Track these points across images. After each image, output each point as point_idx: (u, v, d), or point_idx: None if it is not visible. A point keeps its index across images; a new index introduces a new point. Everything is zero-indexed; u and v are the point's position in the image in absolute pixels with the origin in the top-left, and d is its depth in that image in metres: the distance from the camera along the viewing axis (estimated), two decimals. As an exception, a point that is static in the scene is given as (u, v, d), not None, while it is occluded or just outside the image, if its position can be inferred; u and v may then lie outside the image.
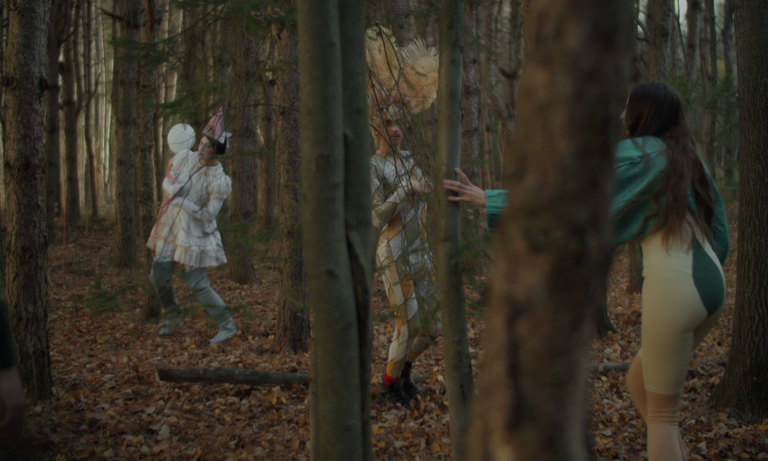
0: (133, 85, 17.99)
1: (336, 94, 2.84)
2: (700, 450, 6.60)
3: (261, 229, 18.88)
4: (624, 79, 1.36)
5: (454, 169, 4.70)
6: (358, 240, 2.93)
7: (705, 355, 10.01)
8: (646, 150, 4.73)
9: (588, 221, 1.34)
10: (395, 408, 7.91)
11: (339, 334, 2.88)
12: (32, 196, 7.86)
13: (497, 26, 36.71)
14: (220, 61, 19.67)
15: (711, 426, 7.21)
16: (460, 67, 4.72)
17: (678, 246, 4.75)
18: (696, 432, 7.01)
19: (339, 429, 2.92)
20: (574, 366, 1.37)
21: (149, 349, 10.53)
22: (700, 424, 7.27)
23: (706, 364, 9.28)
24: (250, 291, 15.73)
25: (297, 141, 9.61)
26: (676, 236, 4.75)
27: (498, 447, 1.41)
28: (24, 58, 7.86)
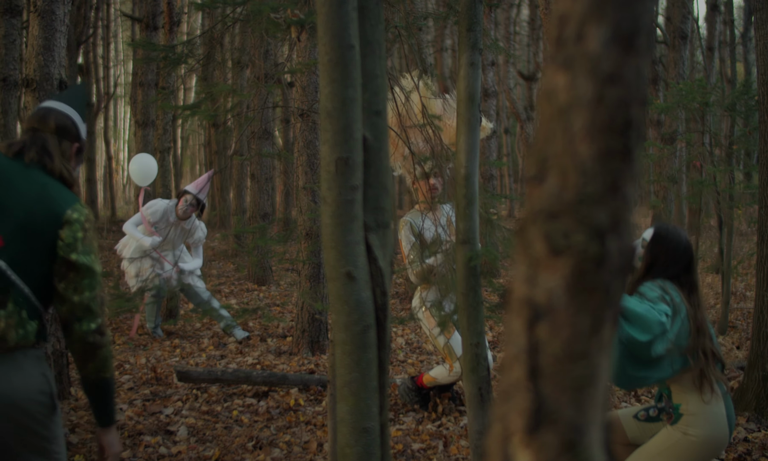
0: (152, 86, 18.03)
1: (355, 96, 2.84)
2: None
3: (279, 231, 18.92)
4: (645, 82, 1.36)
5: (473, 171, 4.69)
6: (377, 242, 2.93)
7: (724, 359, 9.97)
8: (673, 296, 5.07)
9: (608, 224, 1.33)
10: (413, 410, 7.91)
11: (358, 336, 2.88)
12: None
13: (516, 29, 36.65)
14: (239, 63, 19.71)
15: (730, 430, 7.18)
16: (479, 69, 4.72)
17: (709, 391, 5.10)
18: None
19: (357, 431, 2.92)
20: (594, 369, 1.37)
21: (167, 350, 10.55)
22: (718, 428, 7.24)
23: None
24: (268, 293, 15.74)
25: (316, 143, 9.62)
26: (707, 383, 5.11)
27: (517, 451, 1.41)
28: (44, 59, 7.89)
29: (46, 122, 3.86)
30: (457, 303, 4.90)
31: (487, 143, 18.47)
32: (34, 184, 3.64)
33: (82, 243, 3.65)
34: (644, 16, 1.35)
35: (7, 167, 3.66)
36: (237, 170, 21.25)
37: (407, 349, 10.74)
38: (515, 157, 45.45)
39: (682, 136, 13.96)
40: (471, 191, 4.68)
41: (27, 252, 3.53)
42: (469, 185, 4.67)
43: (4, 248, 3.46)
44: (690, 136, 12.77)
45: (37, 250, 3.56)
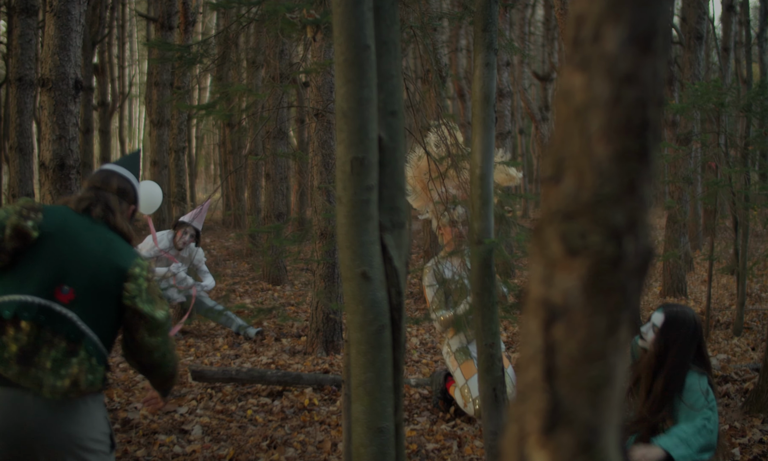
0: (167, 86, 18.08)
1: (371, 96, 2.84)
2: (734, 456, 6.57)
3: (294, 231, 18.93)
4: (662, 82, 1.35)
5: (488, 171, 4.68)
6: (392, 242, 2.93)
7: (739, 360, 9.95)
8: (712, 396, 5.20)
9: (625, 225, 1.33)
10: (427, 410, 7.91)
11: (373, 336, 2.88)
12: (67, 196, 7.90)
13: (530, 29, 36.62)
14: (254, 63, 19.72)
15: (745, 431, 7.18)
16: (494, 70, 4.72)
17: None
18: (730, 437, 6.98)
19: (372, 431, 2.91)
20: (611, 370, 1.37)
21: (182, 350, 10.56)
22: (733, 430, 7.23)
23: (740, 369, 9.23)
24: (283, 293, 15.76)
25: (331, 143, 9.62)
26: None
27: (533, 451, 1.41)
28: (59, 59, 7.91)
29: (108, 183, 4.29)
30: (472, 303, 4.90)
31: (502, 143, 18.45)
32: (101, 240, 4.01)
33: (147, 293, 3.97)
34: (661, 17, 1.35)
35: (76, 222, 4.01)
36: (252, 170, 21.25)
37: (422, 349, 10.74)
38: (530, 157, 45.41)
39: (697, 137, 13.93)
40: (486, 190, 4.68)
41: (96, 304, 3.85)
42: (484, 185, 4.67)
43: (75, 301, 3.77)
44: (705, 137, 12.75)
45: (105, 301, 3.88)
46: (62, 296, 3.76)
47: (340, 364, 9.47)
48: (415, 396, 8.31)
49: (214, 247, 23.59)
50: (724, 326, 12.19)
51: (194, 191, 40.45)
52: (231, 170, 28.67)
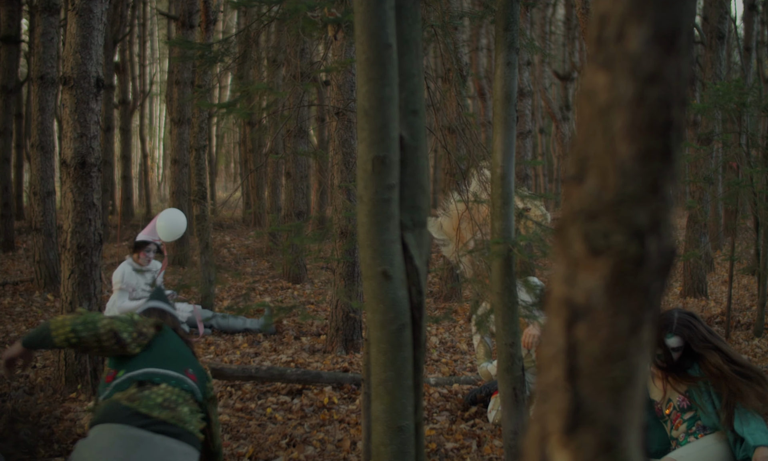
0: (187, 85, 18.11)
1: (392, 95, 2.84)
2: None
3: (314, 229, 18.93)
4: (686, 82, 1.35)
5: (509, 171, 4.68)
6: (413, 241, 2.93)
7: (760, 361, 9.91)
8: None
9: (648, 225, 1.33)
10: (446, 410, 7.90)
11: (393, 335, 2.88)
12: (88, 194, 7.93)
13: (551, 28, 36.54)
14: (274, 61, 19.74)
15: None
16: (516, 69, 4.71)
17: None
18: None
19: (392, 430, 2.91)
20: (633, 370, 1.37)
21: (201, 347, 10.58)
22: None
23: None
24: (303, 291, 15.76)
25: (351, 142, 9.62)
26: None
27: (555, 451, 1.40)
28: (81, 57, 7.93)
29: (165, 316, 5.57)
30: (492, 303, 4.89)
31: (523, 142, 18.42)
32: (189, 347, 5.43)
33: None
34: (685, 16, 1.35)
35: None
36: (272, 168, 21.26)
37: (441, 348, 10.73)
38: (550, 156, 45.34)
39: (718, 136, 13.87)
40: (507, 190, 4.67)
41: (201, 386, 5.06)
42: (505, 185, 4.67)
43: (197, 383, 5.01)
44: (727, 136, 12.70)
45: (204, 387, 5.11)
46: (190, 375, 5.00)
47: (360, 363, 9.47)
48: (435, 395, 8.30)
49: (234, 245, 23.61)
50: (745, 327, 12.14)
51: (214, 190, 40.52)
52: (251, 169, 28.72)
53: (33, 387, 8.26)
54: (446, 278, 14.53)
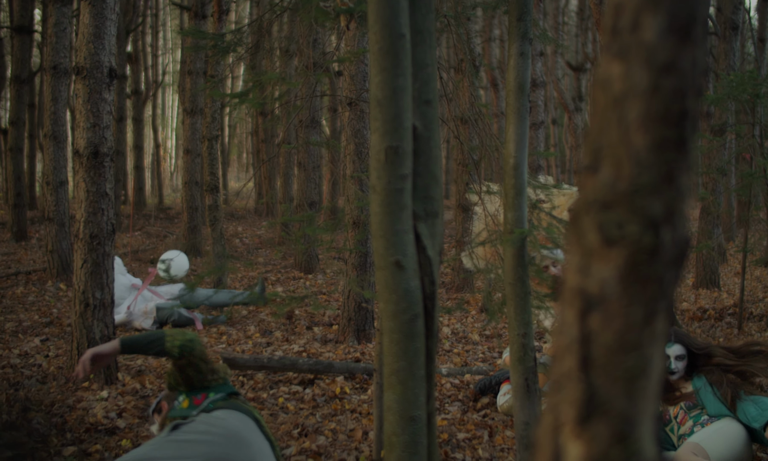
0: (200, 75, 18.11)
1: (405, 85, 2.84)
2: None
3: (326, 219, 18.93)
4: (701, 72, 1.35)
5: (522, 161, 4.67)
6: (425, 231, 2.93)
7: None
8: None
9: (663, 215, 1.32)
10: (458, 400, 7.90)
11: (406, 325, 2.88)
12: (101, 184, 7.95)
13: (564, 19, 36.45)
14: (287, 52, 19.75)
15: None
16: (529, 59, 4.70)
17: None
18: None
19: (404, 420, 2.92)
20: (647, 360, 1.36)
21: (214, 337, 10.60)
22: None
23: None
24: (315, 281, 15.77)
25: (364, 132, 9.62)
26: None
27: (568, 441, 1.40)
28: (94, 47, 7.95)
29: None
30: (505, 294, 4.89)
31: (535, 133, 18.40)
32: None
33: None
34: (700, 6, 1.34)
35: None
36: (284, 159, 21.27)
37: (453, 339, 10.73)
38: (562, 147, 45.23)
39: (731, 128, 13.83)
40: (520, 181, 4.67)
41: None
42: (518, 175, 4.66)
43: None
44: (740, 128, 12.66)
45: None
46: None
47: (372, 353, 9.48)
48: (446, 385, 8.30)
49: (247, 235, 23.65)
50: (758, 318, 12.12)
51: (227, 180, 40.57)
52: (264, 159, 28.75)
53: (46, 376, 8.29)
54: (458, 268, 14.52)
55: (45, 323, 11.10)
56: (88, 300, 7.89)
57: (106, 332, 7.97)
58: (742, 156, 17.53)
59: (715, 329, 11.26)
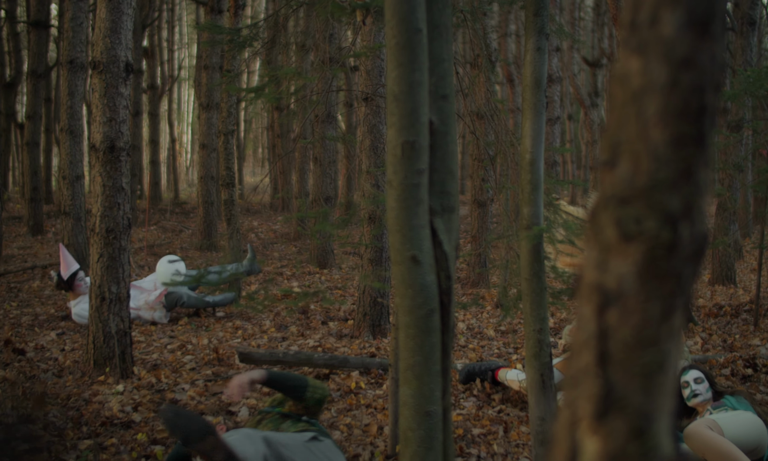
0: (216, 69, 18.13)
1: (422, 80, 2.83)
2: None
3: (342, 214, 18.93)
4: (719, 67, 1.34)
5: (538, 157, 4.67)
6: (442, 226, 2.93)
7: None
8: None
9: (681, 210, 1.32)
10: (474, 396, 7.90)
11: (422, 320, 2.88)
12: (117, 178, 7.96)
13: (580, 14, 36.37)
14: (303, 47, 19.76)
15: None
16: (546, 54, 4.70)
17: None
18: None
19: (420, 415, 2.92)
20: (664, 356, 1.36)
21: (229, 332, 10.62)
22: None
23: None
24: (330, 276, 15.78)
25: (380, 127, 9.62)
26: None
27: (585, 436, 1.40)
28: (111, 42, 7.96)
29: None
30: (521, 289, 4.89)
31: (551, 128, 18.38)
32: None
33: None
34: (719, 1, 1.34)
35: None
36: (300, 154, 21.30)
37: (468, 334, 10.73)
38: (578, 143, 45.19)
39: (748, 123, 13.80)
40: (536, 176, 4.67)
41: None
42: (534, 171, 4.66)
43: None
44: (757, 123, 12.64)
45: None
46: None
47: (387, 348, 9.48)
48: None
49: (262, 230, 23.68)
50: (774, 315, 12.09)
51: (242, 174, 40.59)
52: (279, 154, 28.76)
53: (62, 370, 8.31)
54: (474, 263, 14.52)
55: (61, 317, 11.14)
56: (104, 294, 7.91)
57: (122, 326, 7.99)
58: (758, 152, 17.47)
59: (731, 325, 11.23)
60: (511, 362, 8.88)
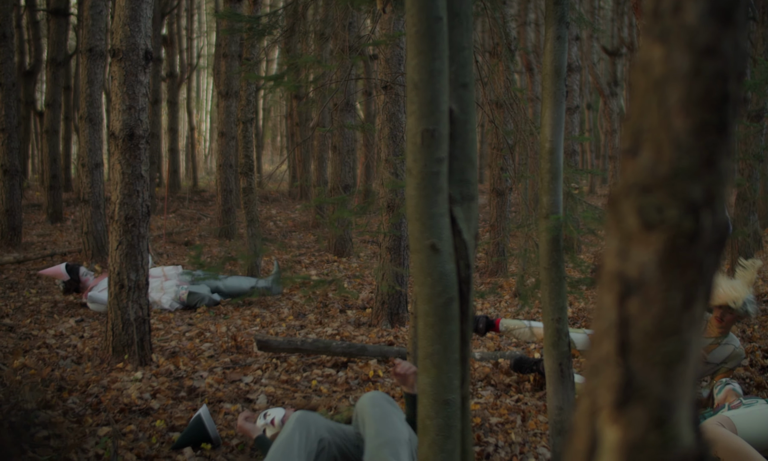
0: (235, 57, 18.13)
1: (442, 68, 2.83)
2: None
3: (360, 203, 18.93)
4: (743, 55, 1.34)
5: (558, 146, 4.66)
6: (461, 215, 2.92)
7: None
8: None
9: (703, 199, 1.32)
10: (491, 384, 7.89)
11: (441, 308, 2.88)
12: (136, 166, 7.98)
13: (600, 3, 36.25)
14: (322, 35, 19.75)
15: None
16: (566, 43, 4.69)
17: None
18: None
19: (438, 403, 2.92)
20: (685, 345, 1.36)
21: (247, 319, 10.64)
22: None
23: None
24: (348, 265, 15.79)
25: (398, 116, 9.61)
26: None
27: (605, 426, 1.40)
28: (130, 30, 7.97)
29: None
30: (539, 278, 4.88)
31: (571, 118, 18.33)
32: None
33: None
34: (742, -11, 1.33)
35: None
36: (318, 142, 21.30)
37: (486, 323, 10.71)
38: (597, 133, 45.07)
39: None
40: (555, 165, 4.66)
41: None
42: (554, 160, 4.65)
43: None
44: (777, 114, 12.57)
45: None
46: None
47: (405, 336, 9.49)
48: (480, 369, 8.30)
49: (280, 218, 23.70)
50: (794, 305, 12.05)
51: (261, 163, 40.61)
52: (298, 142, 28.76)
53: (81, 357, 8.35)
54: (492, 252, 14.50)
55: (80, 304, 11.18)
56: (122, 282, 7.94)
57: (141, 313, 8.02)
58: (779, 142, 17.40)
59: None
60: (528, 351, 8.87)
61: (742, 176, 14.64)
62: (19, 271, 13.88)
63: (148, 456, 5.92)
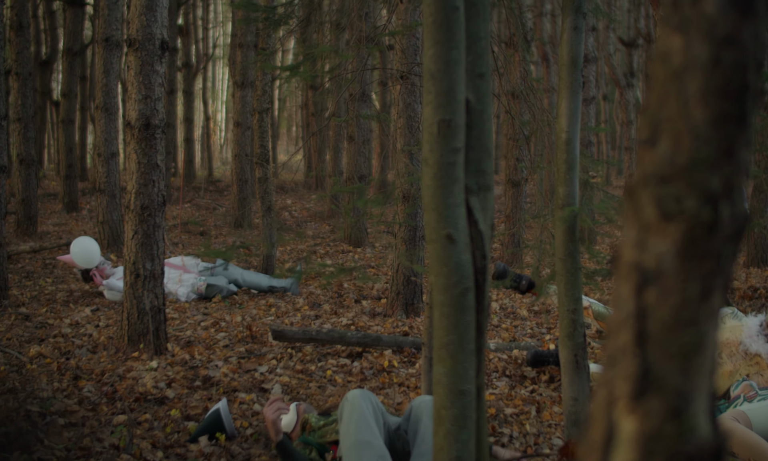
0: (251, 47, 18.13)
1: (459, 58, 2.83)
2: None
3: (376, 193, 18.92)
4: (763, 45, 1.33)
5: (574, 136, 4.65)
6: (477, 205, 2.92)
7: None
8: None
9: (721, 190, 1.31)
10: (506, 375, 7.89)
11: (456, 298, 2.88)
12: (152, 155, 7.99)
13: (617, -7, 36.14)
14: (338, 25, 19.73)
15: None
16: (582, 33, 4.67)
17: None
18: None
19: (454, 394, 2.91)
20: (703, 336, 1.35)
21: (263, 309, 10.65)
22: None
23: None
24: (364, 255, 15.79)
25: (415, 106, 9.60)
26: None
27: (622, 416, 1.40)
28: (146, 19, 7.98)
29: None
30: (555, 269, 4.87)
31: (587, 108, 18.29)
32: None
33: None
34: (762, -21, 1.33)
35: None
36: (334, 132, 21.30)
37: (501, 314, 10.71)
38: (613, 124, 44.93)
39: (786, 105, 13.69)
40: (572, 155, 4.65)
41: None
42: (570, 150, 4.65)
43: None
44: (795, 105, 12.52)
45: None
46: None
47: (420, 327, 9.49)
48: (495, 360, 8.29)
49: (296, 208, 23.70)
50: (810, 298, 12.02)
51: (276, 153, 40.63)
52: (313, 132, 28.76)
53: (96, 346, 8.37)
54: (507, 243, 14.49)
55: (95, 294, 11.21)
56: (138, 271, 7.95)
57: (156, 302, 8.04)
58: (796, 134, 17.32)
59: (766, 307, 11.16)
60: (544, 342, 8.87)
61: (758, 168, 14.59)
62: (35, 260, 13.93)
63: (164, 445, 5.93)
